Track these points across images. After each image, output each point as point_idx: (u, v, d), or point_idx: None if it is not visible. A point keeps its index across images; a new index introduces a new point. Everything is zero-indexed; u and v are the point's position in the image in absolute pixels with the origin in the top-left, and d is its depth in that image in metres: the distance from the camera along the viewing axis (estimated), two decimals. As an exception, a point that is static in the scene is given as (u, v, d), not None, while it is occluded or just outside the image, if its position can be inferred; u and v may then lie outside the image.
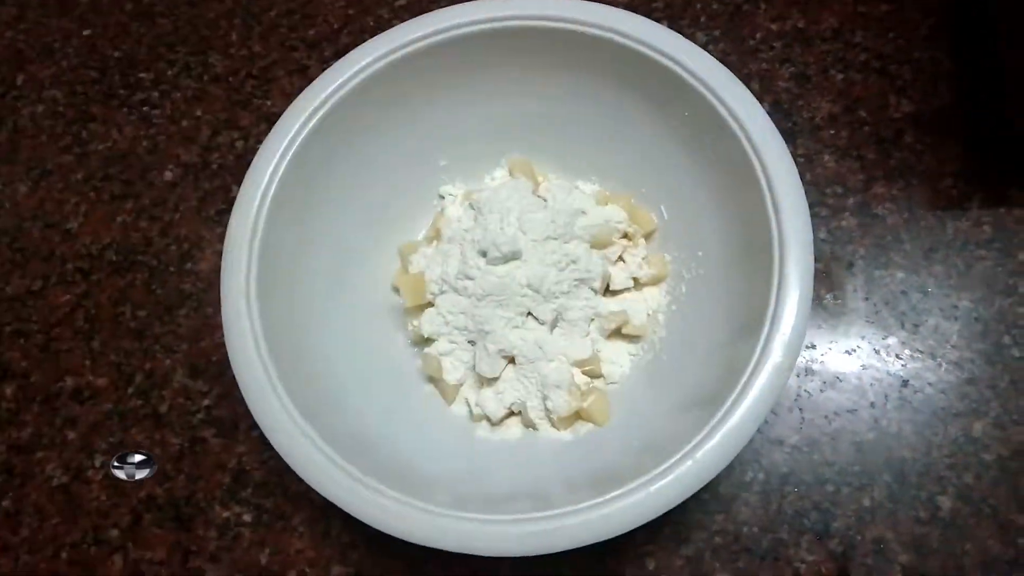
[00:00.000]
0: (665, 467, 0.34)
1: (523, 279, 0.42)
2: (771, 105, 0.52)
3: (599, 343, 0.44)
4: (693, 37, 0.50)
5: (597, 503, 0.34)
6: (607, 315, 0.44)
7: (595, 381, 0.44)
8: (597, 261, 0.44)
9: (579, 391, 0.42)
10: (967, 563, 0.42)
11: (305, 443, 0.36)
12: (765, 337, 0.35)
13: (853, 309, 0.47)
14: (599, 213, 0.45)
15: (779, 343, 0.35)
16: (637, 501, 0.33)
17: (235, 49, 0.59)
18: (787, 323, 0.35)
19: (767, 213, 0.37)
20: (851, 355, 0.46)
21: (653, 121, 0.44)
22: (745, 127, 0.39)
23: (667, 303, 0.45)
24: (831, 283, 0.48)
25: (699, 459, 0.34)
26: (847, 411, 0.45)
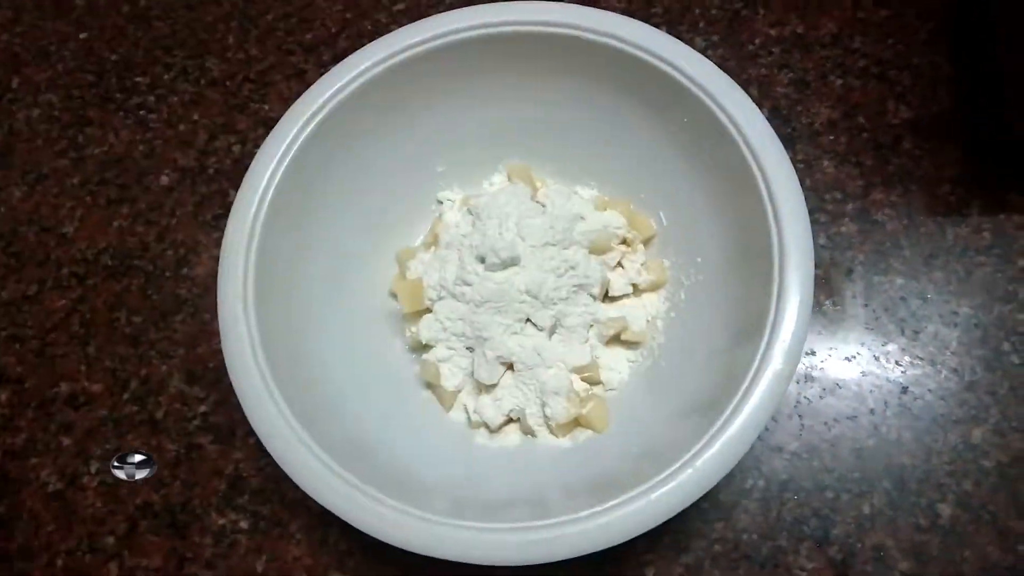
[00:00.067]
0: (665, 475, 0.34)
1: (521, 285, 0.41)
2: (770, 111, 0.52)
3: (598, 349, 0.44)
4: (692, 42, 0.50)
5: (596, 511, 0.33)
6: (606, 321, 0.43)
7: (594, 388, 0.44)
8: (596, 267, 0.43)
9: (578, 398, 0.42)
10: (967, 570, 0.42)
11: (302, 450, 0.36)
12: (765, 344, 0.35)
13: (853, 315, 0.47)
14: (598, 219, 0.45)
15: (779, 350, 0.35)
16: (637, 509, 0.33)
17: (232, 53, 0.58)
18: (787, 330, 0.35)
19: (767, 219, 0.37)
20: (851, 362, 0.46)
21: (652, 126, 0.44)
22: (744, 133, 0.39)
23: (666, 309, 0.45)
24: (830, 289, 0.47)
25: (699, 467, 0.33)
26: (847, 418, 0.45)
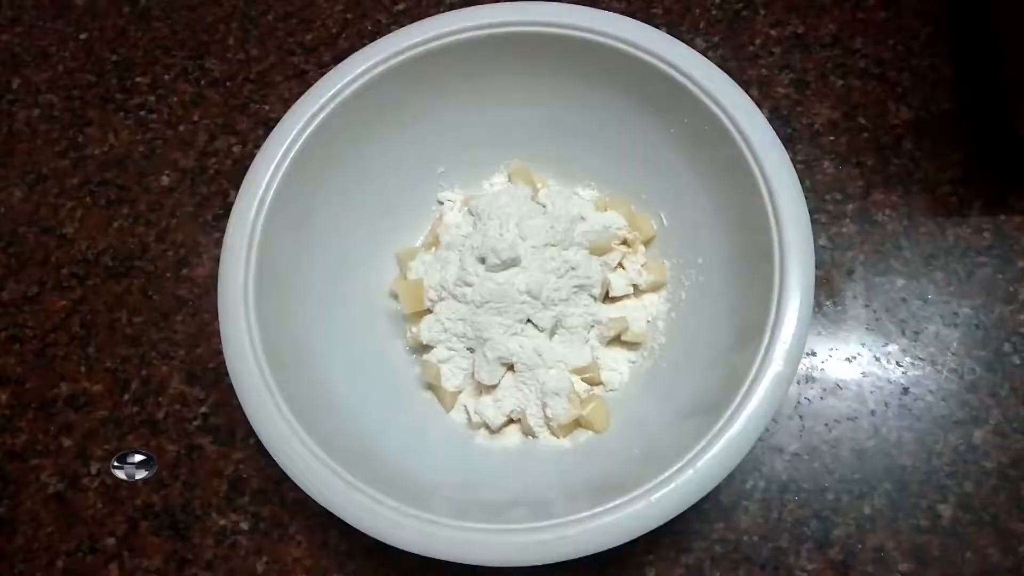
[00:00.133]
0: (665, 476, 0.34)
1: (522, 286, 0.41)
2: (770, 111, 0.52)
3: (598, 350, 0.44)
4: (692, 43, 0.50)
5: (597, 512, 0.33)
6: (606, 322, 0.43)
7: (594, 388, 0.44)
8: (596, 268, 0.43)
9: (578, 398, 0.42)
10: (967, 571, 0.42)
11: (302, 451, 0.36)
12: (766, 345, 0.35)
13: (853, 316, 0.47)
14: (598, 219, 0.45)
15: (780, 351, 0.35)
16: (638, 511, 0.33)
17: (233, 53, 0.58)
18: (788, 331, 0.35)
19: (768, 220, 0.37)
20: (851, 362, 0.46)
21: (652, 127, 0.44)
22: (745, 133, 0.39)
23: (667, 310, 0.45)
24: (831, 290, 0.47)
25: (700, 468, 0.33)
26: (847, 419, 0.45)
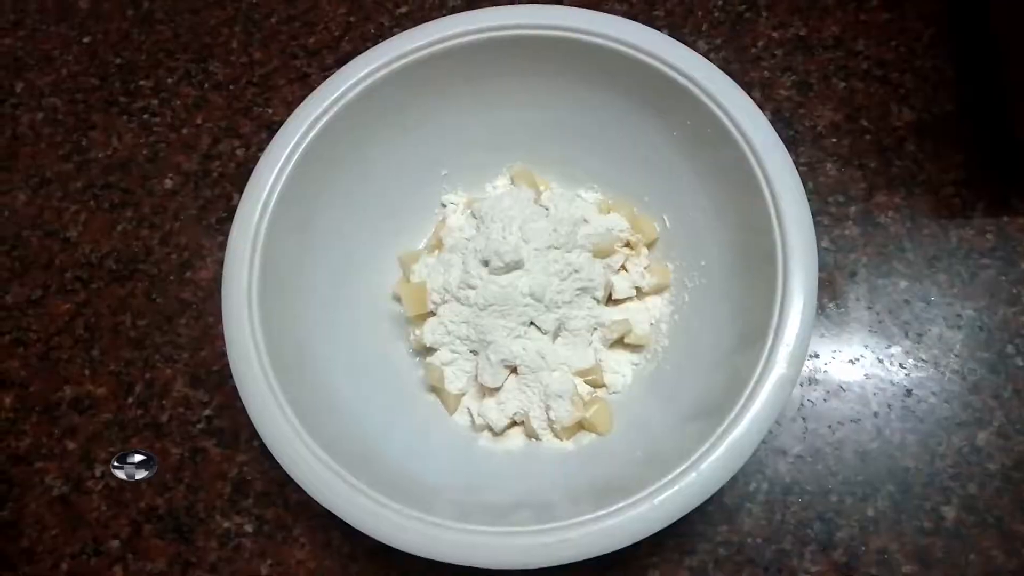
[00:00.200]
0: (669, 479, 0.34)
1: (525, 288, 0.41)
2: (773, 113, 0.52)
3: (601, 353, 0.44)
4: (694, 45, 0.50)
5: (601, 515, 0.33)
6: (609, 324, 0.43)
7: (597, 391, 0.44)
8: (599, 270, 0.43)
9: (582, 401, 0.42)
10: (971, 573, 0.42)
11: (306, 453, 0.36)
12: (769, 347, 0.35)
13: (856, 318, 0.47)
14: (601, 222, 0.45)
15: (783, 354, 0.35)
16: (641, 513, 0.33)
17: (236, 57, 0.59)
18: (791, 333, 0.35)
19: (770, 222, 0.37)
20: (854, 364, 0.46)
21: (655, 129, 0.44)
22: (747, 136, 0.39)
23: (670, 312, 0.45)
24: (834, 292, 0.47)
25: (703, 471, 0.33)
26: (851, 421, 0.45)
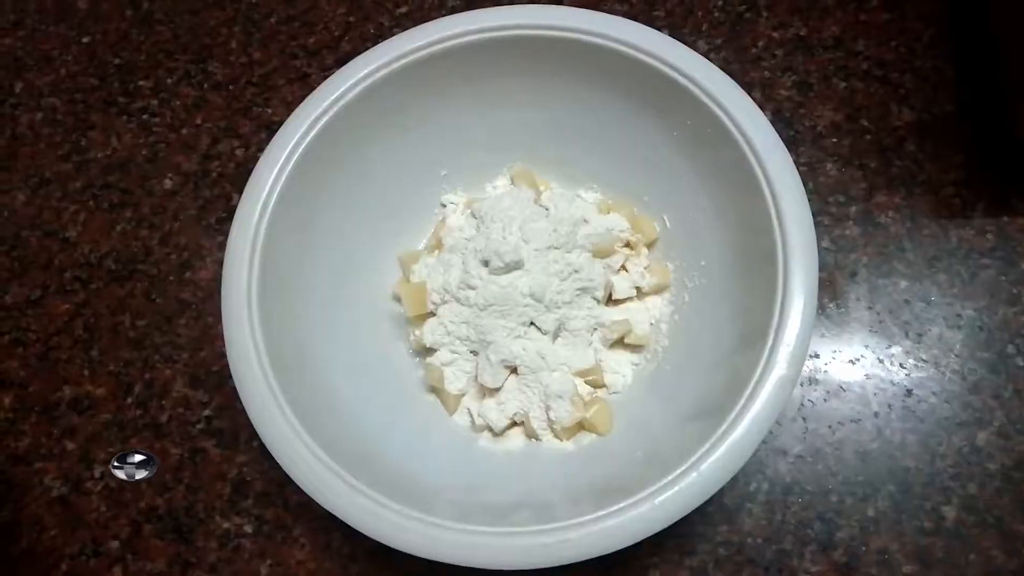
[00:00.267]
0: (669, 479, 0.34)
1: (525, 289, 0.41)
2: (773, 113, 0.52)
3: (601, 353, 0.44)
4: (695, 45, 0.50)
5: (601, 515, 0.33)
6: (609, 324, 0.43)
7: (598, 391, 0.44)
8: (599, 270, 0.43)
9: (582, 401, 0.42)
10: (971, 573, 0.42)
11: (306, 454, 0.36)
12: (770, 347, 0.35)
13: (856, 318, 0.47)
14: (601, 222, 0.45)
15: (784, 354, 0.35)
16: (641, 514, 0.33)
17: (235, 57, 0.58)
18: (791, 333, 0.35)
19: (771, 222, 0.37)
20: (855, 364, 0.46)
21: (655, 130, 0.44)
22: (748, 136, 0.39)
23: (670, 312, 0.45)
24: (834, 292, 0.47)
25: (703, 471, 0.33)
26: (851, 421, 0.45)
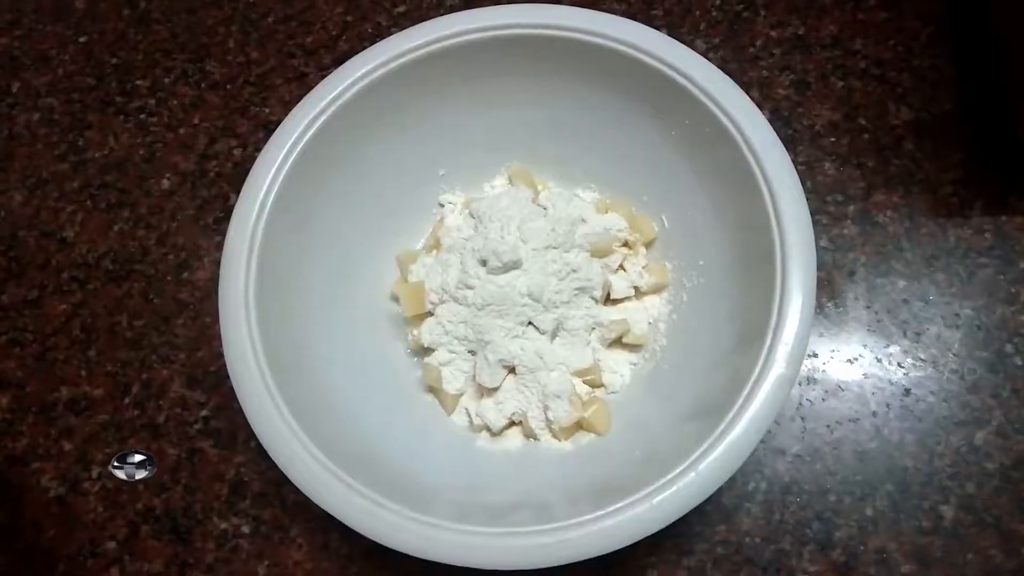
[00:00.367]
0: (667, 479, 0.33)
1: (523, 288, 0.41)
2: (771, 112, 0.52)
3: (600, 352, 0.44)
4: (693, 45, 0.50)
5: (599, 515, 0.33)
6: (608, 324, 0.43)
7: (596, 391, 0.44)
8: (597, 270, 0.43)
9: (580, 401, 0.42)
10: (970, 573, 0.42)
11: (303, 454, 0.36)
12: (768, 347, 0.35)
13: (855, 317, 0.47)
14: (599, 221, 0.45)
15: (782, 353, 0.35)
16: (639, 514, 0.33)
17: (233, 56, 0.58)
18: (790, 332, 0.35)
19: (769, 222, 0.37)
20: (853, 364, 0.46)
21: (653, 129, 0.44)
22: (746, 135, 0.39)
23: (668, 312, 0.45)
24: (832, 291, 0.47)
25: (702, 471, 0.33)
26: (849, 420, 0.45)
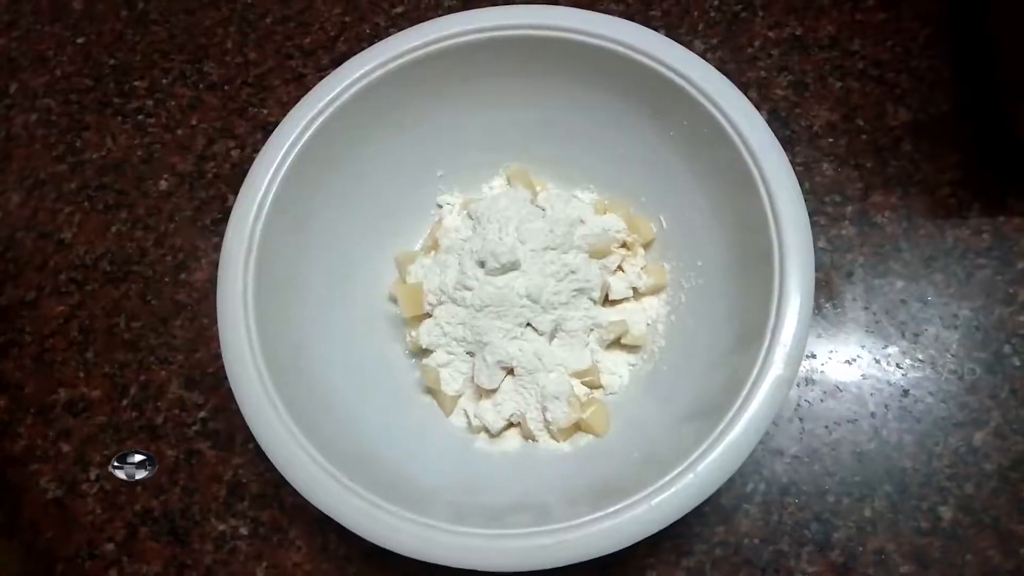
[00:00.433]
0: (666, 480, 0.33)
1: (522, 289, 0.41)
2: (769, 113, 0.52)
3: (598, 353, 0.44)
4: (691, 45, 0.50)
5: (598, 517, 0.33)
6: (606, 325, 0.43)
7: (594, 392, 0.44)
8: (596, 271, 0.43)
9: (578, 402, 0.42)
10: (968, 573, 0.42)
11: (302, 455, 0.36)
12: (766, 348, 0.35)
13: (853, 318, 0.47)
14: (598, 222, 0.45)
15: (780, 354, 0.35)
16: (638, 515, 0.33)
17: (231, 57, 0.58)
18: (788, 333, 0.35)
19: (767, 222, 0.37)
20: (851, 364, 0.46)
21: (651, 129, 0.44)
22: (744, 136, 0.39)
23: (666, 313, 0.45)
24: (831, 292, 0.47)
25: (700, 472, 0.33)
26: (847, 421, 0.45)
